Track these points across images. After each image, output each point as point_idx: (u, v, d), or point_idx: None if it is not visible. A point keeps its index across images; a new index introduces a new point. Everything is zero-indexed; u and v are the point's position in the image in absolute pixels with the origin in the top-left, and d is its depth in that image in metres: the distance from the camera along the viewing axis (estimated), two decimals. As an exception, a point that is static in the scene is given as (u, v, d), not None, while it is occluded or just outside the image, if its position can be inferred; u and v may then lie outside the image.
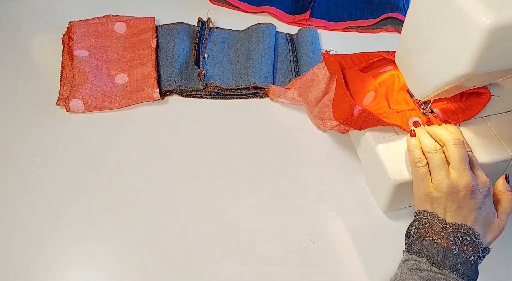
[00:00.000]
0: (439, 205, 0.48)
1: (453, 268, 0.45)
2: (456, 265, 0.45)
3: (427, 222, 0.48)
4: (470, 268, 0.46)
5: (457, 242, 0.46)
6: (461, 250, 0.46)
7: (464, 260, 0.45)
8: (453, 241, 0.46)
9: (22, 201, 0.59)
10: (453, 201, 0.47)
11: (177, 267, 0.55)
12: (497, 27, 0.39)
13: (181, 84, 0.70)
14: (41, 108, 0.68)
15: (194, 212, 0.59)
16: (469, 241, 0.46)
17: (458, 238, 0.46)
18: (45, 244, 0.56)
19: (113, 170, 0.62)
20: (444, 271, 0.45)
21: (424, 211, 0.49)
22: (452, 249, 0.46)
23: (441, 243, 0.46)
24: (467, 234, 0.46)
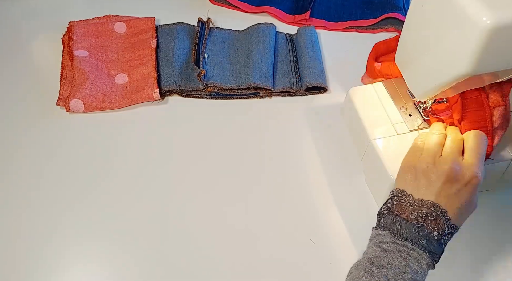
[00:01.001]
0: (415, 179, 0.49)
1: (414, 240, 0.46)
2: (417, 237, 0.46)
3: (397, 200, 0.49)
4: (432, 243, 0.46)
5: (420, 217, 0.46)
6: (424, 225, 0.46)
7: (426, 233, 0.46)
8: (415, 215, 0.47)
9: (21, 201, 0.59)
10: (428, 179, 0.48)
11: (177, 266, 0.55)
12: (497, 27, 0.39)
13: (181, 84, 0.70)
14: (41, 108, 0.68)
15: (194, 211, 0.59)
16: (434, 217, 0.46)
17: (422, 213, 0.46)
18: (44, 243, 0.56)
19: (113, 170, 0.62)
20: (405, 242, 0.46)
21: (397, 189, 0.50)
22: (414, 223, 0.46)
23: (403, 217, 0.47)
24: (434, 210, 0.46)
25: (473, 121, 0.53)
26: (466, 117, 0.53)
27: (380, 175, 0.56)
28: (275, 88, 0.71)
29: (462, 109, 0.54)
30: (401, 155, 0.55)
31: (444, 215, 0.46)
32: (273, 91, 0.71)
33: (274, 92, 0.71)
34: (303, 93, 0.71)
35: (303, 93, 0.71)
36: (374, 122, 0.59)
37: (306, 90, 0.71)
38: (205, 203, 0.60)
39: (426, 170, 0.48)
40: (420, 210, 0.47)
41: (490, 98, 0.53)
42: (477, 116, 0.53)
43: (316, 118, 0.68)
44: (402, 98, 0.61)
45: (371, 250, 0.47)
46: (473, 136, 0.50)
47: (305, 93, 0.71)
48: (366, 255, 0.47)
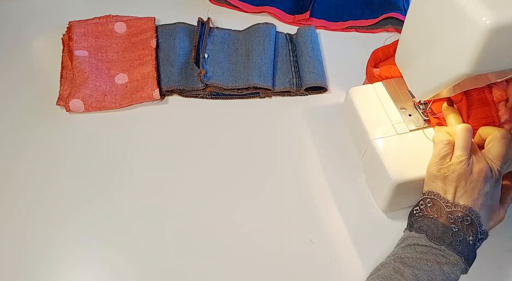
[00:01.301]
0: (451, 185, 0.48)
1: (451, 244, 0.46)
2: (454, 242, 0.46)
3: (430, 202, 0.49)
4: (468, 248, 0.46)
5: (457, 221, 0.46)
6: (460, 229, 0.46)
7: (462, 239, 0.46)
8: (453, 220, 0.46)
9: (21, 201, 0.59)
10: (465, 182, 0.48)
11: (178, 266, 0.55)
12: (497, 27, 0.39)
13: (181, 84, 0.70)
14: (41, 108, 0.68)
15: (194, 211, 0.59)
16: (469, 222, 0.46)
17: (458, 218, 0.46)
18: (44, 243, 0.56)
19: (113, 170, 0.62)
20: (442, 247, 0.46)
21: (430, 191, 0.50)
22: (451, 227, 0.46)
23: (441, 221, 0.47)
24: (468, 214, 0.46)
25: (479, 118, 0.53)
26: (471, 115, 0.53)
27: (380, 175, 0.56)
28: (275, 88, 0.71)
29: (467, 107, 0.54)
30: (401, 155, 0.55)
31: (478, 219, 0.47)
32: (273, 91, 0.71)
33: (274, 92, 0.71)
34: (303, 93, 0.71)
35: (303, 93, 0.71)
36: (374, 122, 0.59)
37: (306, 90, 0.71)
38: (205, 203, 0.60)
39: (459, 173, 0.48)
40: (457, 214, 0.47)
41: (493, 93, 0.53)
42: (483, 112, 0.53)
43: (316, 118, 0.68)
44: (402, 98, 0.61)
45: (403, 250, 0.47)
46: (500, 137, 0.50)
47: (305, 93, 0.71)
48: (397, 255, 0.47)
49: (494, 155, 0.50)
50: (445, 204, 0.48)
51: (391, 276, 0.45)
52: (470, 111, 0.53)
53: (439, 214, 0.48)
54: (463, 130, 0.50)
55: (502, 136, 0.50)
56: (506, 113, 0.52)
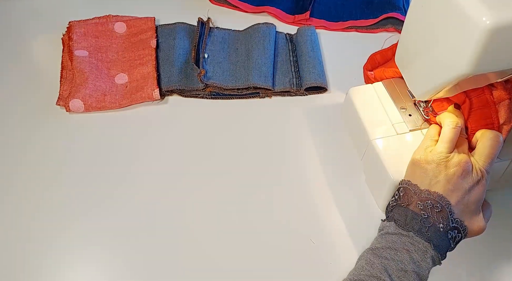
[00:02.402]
0: (427, 173, 0.48)
1: (419, 231, 0.45)
2: (423, 228, 0.45)
3: (403, 191, 0.49)
4: (438, 235, 0.45)
5: (427, 208, 0.46)
6: (430, 216, 0.46)
7: (431, 225, 0.45)
8: (422, 206, 0.46)
9: (21, 201, 0.59)
10: (440, 172, 0.47)
11: (178, 265, 0.55)
12: (497, 27, 0.39)
13: (181, 84, 0.70)
14: (41, 108, 0.68)
15: (194, 211, 0.59)
16: (439, 209, 0.46)
17: (428, 204, 0.46)
18: (43, 243, 0.56)
19: (113, 170, 0.62)
20: (410, 233, 0.46)
21: (403, 180, 0.50)
22: (420, 214, 0.46)
23: (411, 208, 0.47)
24: (438, 201, 0.46)
25: (478, 119, 0.53)
26: (471, 116, 0.53)
27: (380, 175, 0.56)
28: (275, 88, 0.71)
29: (468, 109, 0.54)
30: (401, 155, 0.55)
31: (448, 207, 0.46)
32: (273, 91, 0.71)
33: (274, 92, 0.71)
34: (303, 93, 0.71)
35: (303, 93, 0.71)
36: (374, 122, 0.59)
37: (306, 90, 0.71)
38: (205, 202, 0.60)
39: (437, 163, 0.48)
40: (426, 201, 0.46)
41: (493, 93, 0.53)
42: (482, 114, 0.53)
43: (316, 118, 0.68)
44: (402, 98, 0.61)
45: (376, 240, 0.48)
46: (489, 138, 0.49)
47: (305, 93, 0.71)
48: (371, 246, 0.47)
49: (479, 154, 0.49)
50: (415, 191, 0.48)
51: (363, 267, 0.45)
52: (470, 114, 0.53)
53: (409, 201, 0.47)
54: (449, 125, 0.50)
55: (492, 137, 0.49)
56: (505, 114, 0.52)
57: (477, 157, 0.49)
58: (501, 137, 0.50)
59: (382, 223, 0.50)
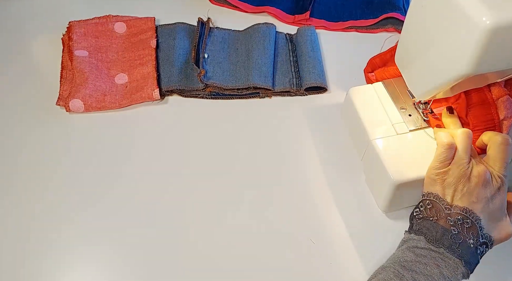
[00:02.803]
0: (449, 188, 0.48)
1: (450, 247, 0.45)
2: (453, 245, 0.45)
3: (430, 204, 0.48)
4: (469, 251, 0.45)
5: (457, 224, 0.46)
6: (460, 232, 0.45)
7: (462, 241, 0.45)
8: (453, 222, 0.46)
9: (21, 201, 0.59)
10: (463, 185, 0.47)
11: (177, 264, 0.55)
12: (497, 27, 0.39)
13: (181, 84, 0.70)
14: (41, 108, 0.68)
15: (193, 211, 0.59)
16: (469, 224, 0.46)
17: (458, 220, 0.46)
18: (43, 243, 0.56)
19: (112, 170, 0.62)
20: (441, 249, 0.45)
21: (429, 192, 0.49)
22: (451, 229, 0.46)
23: (440, 223, 0.46)
24: (468, 217, 0.46)
25: (479, 115, 0.53)
26: (470, 113, 0.53)
27: (380, 175, 0.56)
28: (275, 88, 0.71)
29: (466, 106, 0.54)
30: (401, 155, 0.55)
31: (478, 222, 0.46)
32: (273, 91, 0.71)
33: (274, 92, 0.71)
34: (303, 93, 0.71)
35: (303, 93, 0.71)
36: (374, 122, 0.59)
37: (306, 90, 0.71)
38: (205, 202, 0.60)
39: (461, 177, 0.48)
40: (457, 216, 0.46)
41: (492, 90, 0.53)
42: (482, 110, 0.53)
43: (316, 118, 0.68)
44: (402, 98, 0.61)
45: (402, 253, 0.47)
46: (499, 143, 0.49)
47: (305, 93, 0.71)
48: (397, 259, 0.46)
49: (493, 161, 0.49)
50: (444, 206, 0.47)
51: (390, 280, 0.44)
52: (469, 110, 0.53)
53: (439, 216, 0.47)
54: (464, 134, 0.50)
55: (501, 142, 0.49)
56: (505, 109, 0.52)
57: (492, 163, 0.49)
58: (511, 140, 0.50)
59: (408, 235, 0.49)
